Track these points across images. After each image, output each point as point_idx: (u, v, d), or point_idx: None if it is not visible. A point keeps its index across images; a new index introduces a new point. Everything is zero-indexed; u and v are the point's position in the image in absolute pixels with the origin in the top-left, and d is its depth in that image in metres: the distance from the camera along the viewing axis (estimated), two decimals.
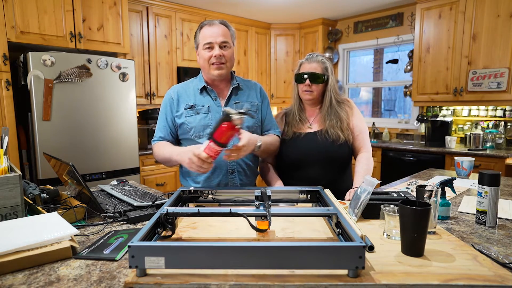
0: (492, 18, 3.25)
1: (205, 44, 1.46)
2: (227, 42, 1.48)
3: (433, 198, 1.03)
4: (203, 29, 1.49)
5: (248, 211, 0.99)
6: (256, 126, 1.57)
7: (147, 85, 3.81)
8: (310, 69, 1.63)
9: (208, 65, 1.48)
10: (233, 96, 1.57)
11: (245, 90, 1.60)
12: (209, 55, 1.47)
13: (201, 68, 1.55)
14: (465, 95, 3.49)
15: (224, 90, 1.57)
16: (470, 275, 0.77)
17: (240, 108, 1.50)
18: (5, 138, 1.30)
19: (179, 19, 4.01)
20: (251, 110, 1.57)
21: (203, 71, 1.55)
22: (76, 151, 2.84)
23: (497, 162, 3.12)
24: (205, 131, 1.50)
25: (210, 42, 1.46)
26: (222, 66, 1.48)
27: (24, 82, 2.63)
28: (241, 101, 1.57)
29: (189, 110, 1.52)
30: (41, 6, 2.71)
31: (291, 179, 1.66)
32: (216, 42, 1.45)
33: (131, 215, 1.21)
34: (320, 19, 4.66)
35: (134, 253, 0.74)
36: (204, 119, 1.51)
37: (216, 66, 1.47)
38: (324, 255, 0.74)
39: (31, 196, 1.28)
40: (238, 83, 1.58)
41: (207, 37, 1.46)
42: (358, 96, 4.93)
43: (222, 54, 1.46)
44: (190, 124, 1.51)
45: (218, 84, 1.56)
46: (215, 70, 1.48)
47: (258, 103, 1.61)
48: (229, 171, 1.52)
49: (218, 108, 1.53)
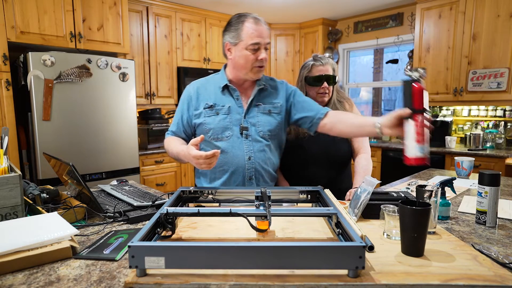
0: (492, 18, 3.25)
1: (253, 44, 1.34)
2: (269, 44, 1.42)
3: (433, 198, 1.03)
4: (247, 24, 1.35)
5: (248, 211, 0.99)
6: (278, 128, 1.48)
7: (147, 85, 3.81)
8: (326, 71, 1.64)
9: (250, 67, 1.38)
10: (256, 97, 1.46)
11: (269, 91, 1.49)
12: (254, 58, 1.36)
13: (237, 67, 1.41)
14: (465, 95, 3.49)
15: (248, 90, 1.48)
16: (470, 275, 0.77)
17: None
18: (5, 138, 1.30)
19: (179, 19, 4.01)
20: (274, 112, 1.46)
21: (239, 70, 1.42)
22: (76, 151, 2.84)
23: (497, 162, 3.12)
24: (224, 134, 1.42)
25: (258, 43, 1.35)
26: (263, 70, 1.41)
27: (24, 82, 2.63)
28: (263, 103, 1.46)
29: (208, 110, 1.43)
30: (41, 6, 2.71)
31: (293, 178, 1.67)
32: (264, 43, 1.36)
33: (131, 215, 1.21)
34: (320, 19, 4.66)
35: (134, 253, 0.74)
36: (224, 121, 1.42)
37: (259, 69, 1.39)
38: (324, 255, 0.74)
39: (31, 196, 1.28)
40: (264, 84, 1.48)
41: (255, 36, 1.34)
42: (358, 96, 4.93)
43: (266, 57, 1.39)
44: (209, 125, 1.43)
45: (243, 84, 1.47)
46: (257, 73, 1.40)
47: (282, 104, 1.49)
48: (247, 177, 1.44)
49: (239, 109, 1.44)
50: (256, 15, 1.40)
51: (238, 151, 1.42)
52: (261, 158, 1.44)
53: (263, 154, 1.45)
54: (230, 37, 1.40)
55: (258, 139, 1.44)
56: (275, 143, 1.50)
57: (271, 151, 1.48)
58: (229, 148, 1.42)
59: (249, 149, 1.42)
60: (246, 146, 1.42)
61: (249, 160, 1.43)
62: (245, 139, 1.43)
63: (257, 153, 1.43)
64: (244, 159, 1.42)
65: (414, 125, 1.07)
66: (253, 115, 1.45)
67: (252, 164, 1.43)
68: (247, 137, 1.43)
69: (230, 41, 1.40)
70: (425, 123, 1.06)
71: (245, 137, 1.43)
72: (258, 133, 1.44)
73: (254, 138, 1.44)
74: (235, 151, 1.42)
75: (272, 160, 1.49)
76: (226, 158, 1.43)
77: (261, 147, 1.44)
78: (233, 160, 1.42)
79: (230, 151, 1.42)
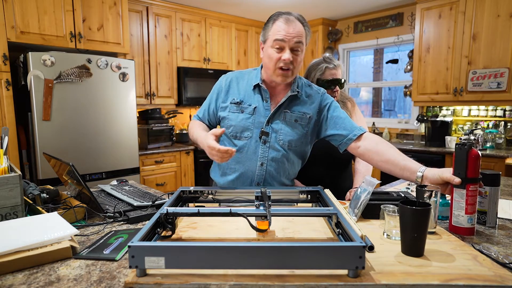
0: (492, 18, 3.25)
1: (276, 41, 1.27)
2: (301, 45, 1.28)
3: (433, 198, 1.03)
4: (277, 22, 1.29)
5: (248, 211, 0.99)
6: (300, 141, 1.40)
7: (147, 85, 3.81)
8: (338, 75, 1.65)
9: (273, 67, 1.30)
10: (286, 104, 1.38)
11: (303, 99, 1.40)
12: (278, 57, 1.28)
13: (264, 66, 1.37)
14: (465, 95, 3.49)
15: (281, 93, 1.40)
16: (470, 275, 0.76)
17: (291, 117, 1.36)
18: (5, 138, 1.30)
19: (179, 19, 4.01)
20: (300, 123, 1.38)
21: (266, 70, 1.37)
22: (76, 151, 2.84)
23: (497, 162, 3.12)
24: (243, 134, 1.38)
25: (282, 40, 1.26)
26: (288, 73, 1.30)
27: (24, 82, 2.63)
28: (292, 111, 1.38)
29: (234, 105, 1.40)
30: (41, 6, 2.71)
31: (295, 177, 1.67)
32: (289, 43, 1.26)
33: (131, 215, 1.21)
34: (320, 19, 4.66)
35: (134, 253, 0.74)
36: (246, 120, 1.38)
37: (282, 72, 1.29)
38: (324, 255, 0.74)
39: (31, 196, 1.28)
40: (298, 91, 1.39)
41: (280, 33, 1.26)
42: (358, 96, 4.93)
43: (293, 59, 1.28)
44: (231, 121, 1.39)
45: (276, 86, 1.39)
46: (280, 76, 1.31)
47: (312, 116, 1.39)
48: (255, 182, 1.41)
49: (266, 112, 1.38)
50: (293, 14, 1.30)
51: (252, 155, 1.38)
52: (274, 167, 1.39)
53: (277, 163, 1.39)
54: (262, 35, 1.37)
55: (277, 147, 1.38)
56: (296, 154, 1.43)
57: (288, 161, 1.41)
58: (244, 149, 1.39)
59: (264, 156, 1.38)
60: (262, 152, 1.38)
61: (261, 166, 1.38)
62: (263, 144, 1.37)
63: (271, 161, 1.38)
64: (256, 164, 1.39)
65: (465, 195, 1.03)
66: (277, 122, 1.38)
67: (263, 171, 1.39)
68: (265, 142, 1.37)
69: (261, 39, 1.37)
70: (478, 192, 1.03)
71: (263, 142, 1.37)
72: (278, 141, 1.38)
73: (272, 146, 1.37)
74: (249, 154, 1.39)
75: (287, 170, 1.43)
76: (239, 158, 1.40)
77: (277, 155, 1.38)
78: (245, 162, 1.40)
79: (244, 153, 1.39)
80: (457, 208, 1.06)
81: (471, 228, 1.05)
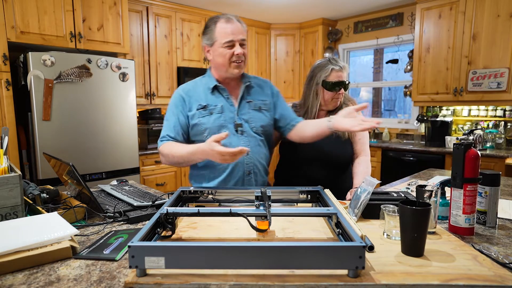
0: (492, 18, 3.25)
1: (227, 42, 1.40)
2: (245, 40, 1.45)
3: (433, 198, 1.03)
4: (219, 24, 1.42)
5: (248, 211, 0.99)
6: (269, 125, 1.55)
7: (147, 85, 3.81)
8: (343, 77, 1.64)
9: (228, 63, 1.43)
10: (246, 95, 1.52)
11: (256, 88, 1.56)
12: (231, 53, 1.41)
13: (217, 66, 1.47)
14: (465, 95, 3.49)
15: (236, 88, 1.53)
16: (470, 275, 0.77)
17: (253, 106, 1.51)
18: (5, 138, 1.30)
19: (179, 19, 4.01)
20: (264, 109, 1.54)
21: (219, 69, 1.48)
22: (76, 151, 2.84)
23: (497, 162, 3.12)
24: (220, 132, 1.43)
25: (232, 40, 1.40)
26: (242, 65, 1.45)
27: (24, 82, 2.63)
28: (254, 100, 1.53)
29: (202, 110, 1.46)
30: (41, 6, 2.71)
31: (294, 177, 1.67)
32: (237, 40, 1.41)
33: (131, 215, 1.21)
34: (320, 19, 4.66)
35: (134, 253, 0.74)
36: (218, 119, 1.45)
37: (237, 65, 1.43)
38: (324, 255, 0.74)
39: (31, 196, 1.28)
40: (249, 81, 1.54)
41: (228, 34, 1.40)
42: (358, 96, 4.93)
43: (243, 52, 1.43)
44: (204, 125, 1.45)
45: (230, 82, 1.52)
46: (236, 68, 1.44)
47: (270, 101, 1.57)
48: (246, 172, 1.47)
49: (232, 108, 1.48)
50: (229, 15, 1.45)
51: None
52: (257, 153, 1.50)
53: (259, 148, 1.50)
54: (206, 39, 1.47)
55: (253, 134, 1.49)
56: (267, 139, 1.56)
57: (264, 146, 1.54)
58: (227, 146, 1.41)
59: (247, 145, 1.46)
60: (243, 142, 1.46)
61: (247, 155, 1.47)
62: (241, 135, 1.47)
63: (253, 148, 1.48)
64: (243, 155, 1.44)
65: (463, 195, 1.03)
66: (245, 112, 1.50)
67: (250, 159, 1.47)
68: (242, 133, 1.47)
69: (207, 43, 1.47)
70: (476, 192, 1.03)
71: (241, 133, 1.47)
72: (252, 128, 1.49)
73: (249, 134, 1.49)
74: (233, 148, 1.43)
75: (266, 154, 1.55)
76: None
77: (256, 142, 1.50)
78: None
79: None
80: (455, 207, 1.06)
81: (469, 228, 1.05)
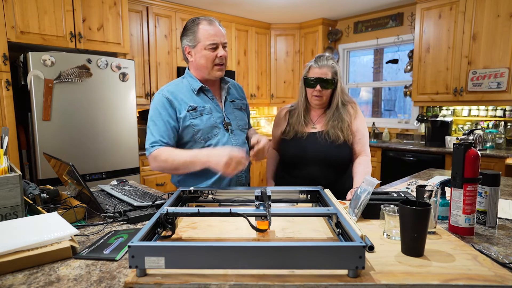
0: (492, 18, 3.25)
1: (210, 44, 1.41)
2: (227, 43, 1.47)
3: (433, 198, 1.03)
4: (202, 26, 1.42)
5: (248, 211, 0.99)
6: (247, 123, 1.64)
7: (147, 85, 3.81)
8: (321, 74, 1.59)
9: (211, 66, 1.44)
10: (227, 95, 1.56)
11: (233, 89, 1.62)
12: (214, 56, 1.43)
13: (199, 67, 1.47)
14: (465, 95, 3.49)
15: (217, 90, 1.56)
16: (470, 275, 0.77)
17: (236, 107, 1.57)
18: (5, 138, 1.30)
19: (179, 19, 4.01)
20: (243, 109, 1.62)
21: (201, 71, 1.48)
22: (76, 151, 2.84)
23: (497, 162, 3.12)
24: (213, 132, 1.47)
25: (215, 42, 1.42)
26: (223, 68, 1.48)
27: (24, 82, 2.63)
28: (235, 99, 1.59)
29: (192, 112, 1.44)
30: (41, 6, 2.71)
31: (293, 177, 1.67)
32: (220, 42, 1.43)
33: (131, 215, 1.21)
34: (320, 19, 4.66)
35: (134, 253, 0.74)
36: (210, 120, 1.46)
37: (219, 67, 1.46)
38: (324, 255, 0.74)
39: (31, 196, 1.28)
40: (229, 82, 1.60)
41: (212, 36, 1.41)
42: (358, 96, 4.93)
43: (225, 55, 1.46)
44: (197, 126, 1.44)
45: (212, 84, 1.54)
46: (218, 71, 1.46)
47: (245, 102, 1.66)
48: None
49: (218, 108, 1.51)
50: (210, 18, 1.47)
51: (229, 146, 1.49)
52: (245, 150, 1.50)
53: (245, 146, 1.56)
54: (188, 40, 1.46)
55: (239, 132, 1.55)
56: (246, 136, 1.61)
57: (246, 143, 1.59)
58: (220, 145, 1.47)
59: (236, 142, 1.52)
60: (234, 140, 1.51)
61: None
62: (231, 133, 1.52)
63: (241, 145, 1.53)
64: None
65: (463, 195, 1.04)
66: (230, 111, 1.55)
67: None
68: (232, 132, 1.52)
69: (188, 44, 1.47)
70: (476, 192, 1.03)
71: (231, 132, 1.52)
72: (238, 127, 1.56)
73: (237, 132, 1.54)
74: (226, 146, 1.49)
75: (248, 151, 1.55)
76: None
77: (242, 139, 1.56)
78: None
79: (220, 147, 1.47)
80: (455, 207, 1.06)
81: (469, 228, 1.05)
